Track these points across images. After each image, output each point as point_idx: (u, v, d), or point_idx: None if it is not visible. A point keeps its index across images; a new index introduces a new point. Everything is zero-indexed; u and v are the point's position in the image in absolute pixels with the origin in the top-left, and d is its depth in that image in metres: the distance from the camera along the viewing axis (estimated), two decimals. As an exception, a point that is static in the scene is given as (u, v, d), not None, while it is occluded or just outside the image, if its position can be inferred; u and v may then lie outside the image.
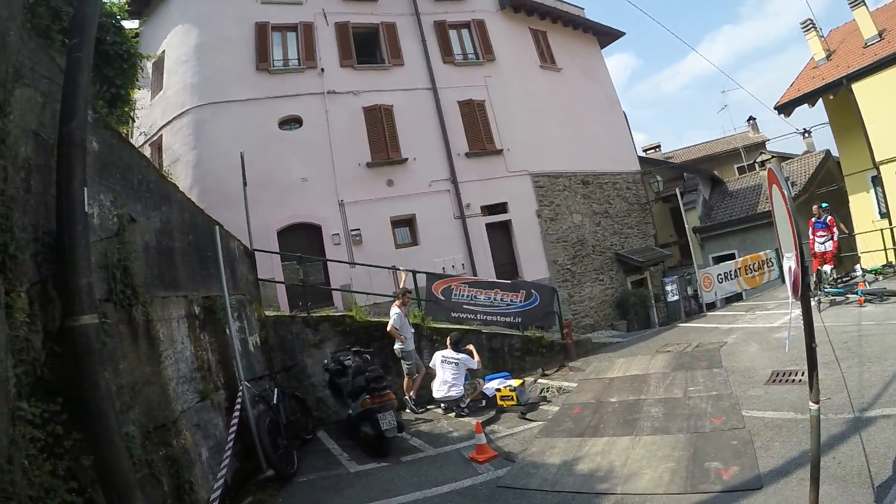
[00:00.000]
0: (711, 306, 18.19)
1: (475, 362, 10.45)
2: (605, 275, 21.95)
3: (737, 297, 18.93)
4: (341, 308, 14.49)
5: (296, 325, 11.20)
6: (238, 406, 7.43)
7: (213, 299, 7.86)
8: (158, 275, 6.35)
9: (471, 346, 10.86)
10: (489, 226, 19.16)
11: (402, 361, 10.68)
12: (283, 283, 14.45)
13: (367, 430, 8.50)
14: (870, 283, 14.06)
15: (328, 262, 15.92)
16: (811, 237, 14.19)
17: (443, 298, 12.90)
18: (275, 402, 8.62)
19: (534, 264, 19.57)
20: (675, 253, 26.58)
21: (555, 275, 19.89)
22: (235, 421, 6.98)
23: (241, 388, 7.74)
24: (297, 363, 10.94)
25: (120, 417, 4.55)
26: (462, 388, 10.29)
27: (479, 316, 13.09)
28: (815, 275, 13.60)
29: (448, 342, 10.65)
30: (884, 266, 15.56)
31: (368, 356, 10.24)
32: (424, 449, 8.65)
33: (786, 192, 4.02)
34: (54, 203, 4.30)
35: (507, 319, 13.25)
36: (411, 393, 10.76)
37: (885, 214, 18.10)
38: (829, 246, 14.02)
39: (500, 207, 19.56)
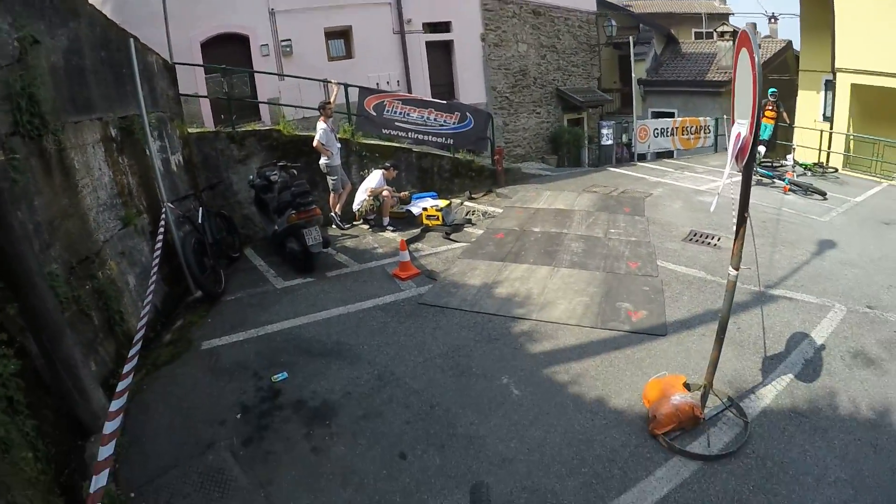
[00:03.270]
0: (643, 157, 18.49)
1: (376, 180, 10.41)
2: (542, 108, 21.75)
3: (668, 155, 19.32)
4: (269, 122, 13.88)
5: (220, 141, 10.67)
6: (162, 229, 7.16)
7: (131, 119, 7.34)
8: (69, 98, 5.75)
9: (385, 171, 10.70)
10: (429, 44, 18.31)
11: (328, 177, 10.48)
12: (206, 97, 13.66)
13: (292, 245, 8.53)
14: (798, 176, 14.45)
15: (255, 75, 14.88)
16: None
17: (374, 114, 12.52)
18: (200, 221, 8.40)
19: (472, 88, 19.09)
20: (616, 100, 26.38)
21: (492, 101, 19.55)
22: (160, 245, 6.71)
23: (164, 209, 7.48)
24: (223, 181, 10.59)
25: (40, 257, 4.38)
26: (361, 200, 10.45)
27: (410, 134, 12.83)
28: None
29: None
30: (814, 164, 15.94)
31: (295, 171, 9.86)
32: (349, 265, 8.78)
33: (755, 58, 3.90)
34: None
35: (439, 140, 13.02)
36: (337, 209, 10.69)
37: (828, 118, 18.50)
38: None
39: (444, 26, 18.65)
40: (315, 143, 10.08)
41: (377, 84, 16.09)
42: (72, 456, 4.12)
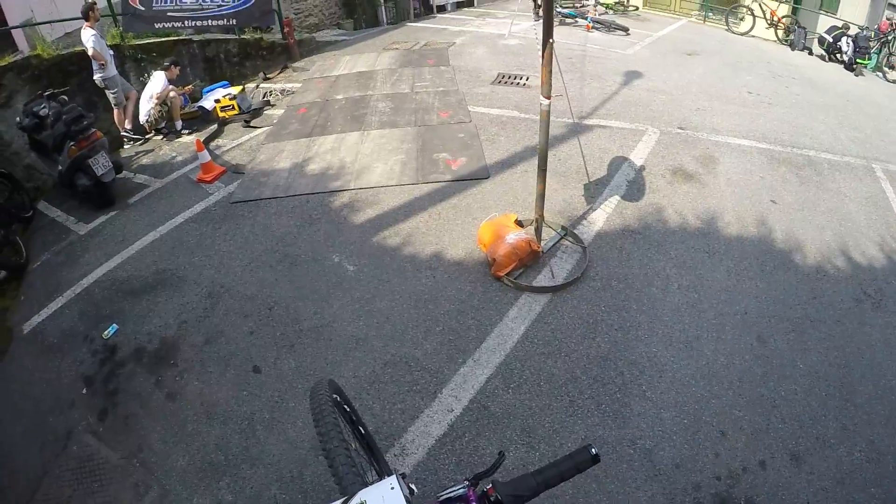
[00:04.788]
0: (442, 9, 18.17)
1: (160, 84, 9.14)
2: (329, -29, 20.31)
3: (469, 3, 19.06)
4: (27, 50, 12.03)
5: None
6: None
7: None
8: None
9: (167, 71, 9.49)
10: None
11: (107, 91, 9.19)
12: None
13: (82, 181, 7.39)
14: (599, 14, 14.67)
15: None
16: None
17: (142, 9, 11.00)
18: None
19: (248, -40, 17.42)
20: None
21: (272, -31, 18.00)
22: None
23: None
24: None
25: None
26: (148, 110, 9.26)
27: (187, 23, 11.41)
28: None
29: None
30: (616, 2, 16.21)
31: (66, 97, 8.63)
32: (150, 183, 7.86)
33: None
34: None
35: (221, 23, 11.79)
36: (126, 125, 9.49)
37: None
38: None
39: None
40: (91, 53, 8.74)
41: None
42: None
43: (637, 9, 16.32)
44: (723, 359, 4.04)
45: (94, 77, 8.98)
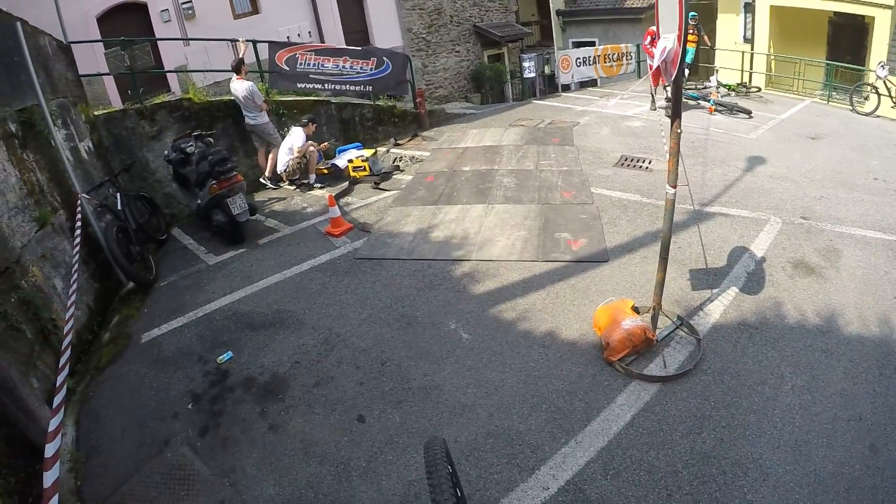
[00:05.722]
0: (567, 88, 18.44)
1: (300, 139, 10.03)
2: (461, 46, 21.39)
3: (592, 83, 19.25)
4: (179, 92, 13.30)
5: (129, 119, 10.08)
6: (79, 222, 6.67)
7: (30, 110, 6.77)
8: None
9: (304, 128, 10.32)
10: (338, -10, 17.68)
11: (264, 136, 10.24)
12: (109, 74, 12.92)
13: (219, 217, 8.15)
14: (722, 97, 14.58)
15: (158, 43, 14.14)
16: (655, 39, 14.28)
17: (287, 69, 12.02)
18: (120, 208, 7.91)
19: (387, 32, 18.67)
20: (535, 33, 26.07)
21: (409, 44, 19.17)
22: (78, 239, 6.37)
23: (79, 201, 7.08)
24: (137, 161, 9.91)
25: None
26: (286, 161, 10.08)
27: (327, 85, 12.30)
28: (654, 89, 13.46)
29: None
30: (738, 84, 16.14)
31: (211, 139, 9.44)
32: (280, 229, 8.52)
33: None
34: None
35: (358, 88, 12.60)
36: (267, 172, 10.36)
37: (748, 40, 18.70)
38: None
39: (352, -30, 18.00)
40: (262, 106, 9.86)
41: (287, 37, 15.59)
42: (33, 482, 3.90)
43: (759, 90, 16.06)
44: (831, 466, 3.88)
45: (247, 122, 9.94)
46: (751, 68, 18.23)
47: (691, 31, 15.11)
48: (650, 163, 9.20)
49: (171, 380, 5.32)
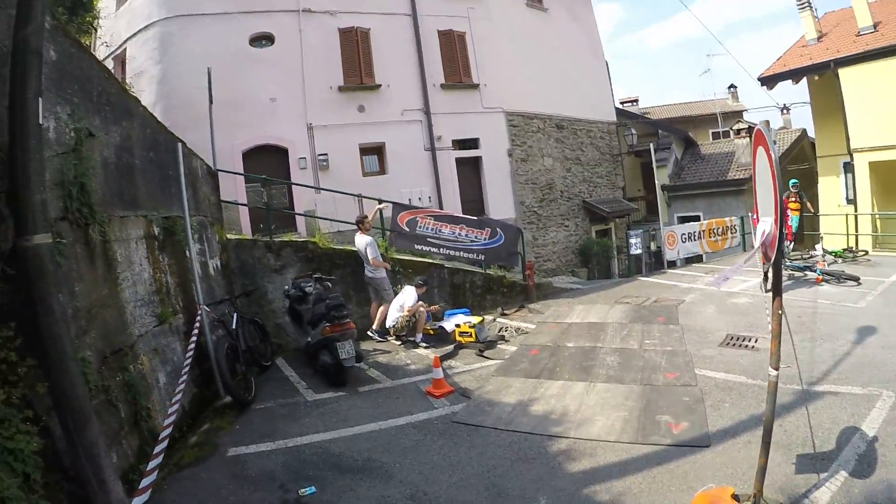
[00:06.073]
0: (672, 264, 18.41)
1: (412, 298, 10.37)
2: (570, 221, 21.98)
3: (697, 259, 19.24)
4: (304, 234, 14.22)
5: (258, 249, 10.96)
6: (196, 330, 7.20)
7: (174, 220, 7.53)
8: (117, 193, 6.02)
9: (417, 288, 10.70)
10: (459, 160, 18.91)
11: (379, 290, 10.69)
12: (246, 205, 14.08)
13: (325, 358, 8.44)
14: (829, 265, 14.30)
15: (293, 187, 15.57)
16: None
17: (407, 230, 12.74)
18: (234, 327, 8.44)
19: (501, 203, 19.44)
20: (641, 208, 26.77)
21: (521, 216, 19.82)
22: (193, 346, 6.77)
23: (199, 312, 7.53)
24: (258, 288, 10.71)
25: (75, 342, 4.38)
26: (396, 317, 10.39)
27: (442, 250, 12.97)
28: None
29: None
30: (844, 250, 15.83)
31: (329, 284, 10.10)
32: (382, 380, 8.65)
33: (772, 154, 4.00)
34: (6, 115, 3.95)
35: (471, 256, 13.16)
36: (374, 326, 10.72)
37: (851, 201, 18.60)
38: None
39: (472, 143, 19.31)
40: (371, 259, 10.35)
41: (409, 199, 16.49)
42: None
43: (866, 253, 15.57)
44: None
45: (366, 273, 10.48)
46: (856, 231, 17.91)
47: (793, 199, 15.01)
48: (756, 341, 8.96)
49: (248, 498, 5.35)
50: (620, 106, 31.69)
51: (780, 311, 4.28)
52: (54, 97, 4.86)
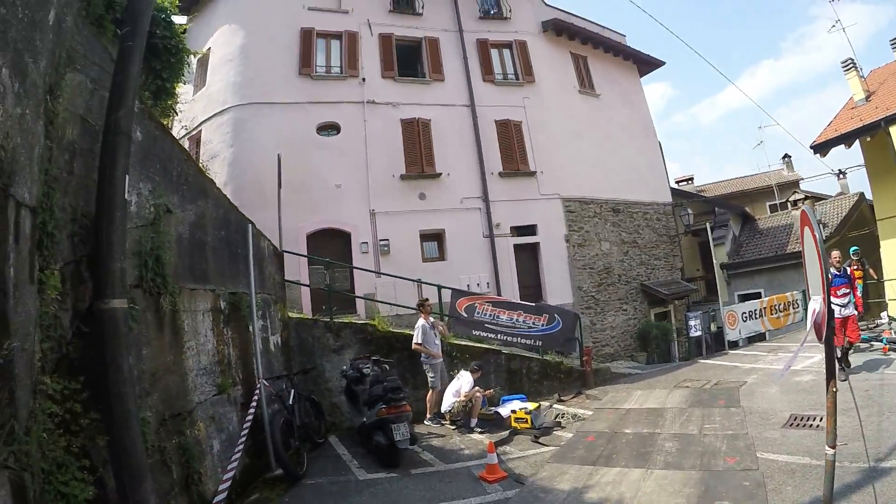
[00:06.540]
0: (734, 344, 17.93)
1: (468, 383, 10.40)
2: (629, 305, 21.79)
3: (760, 337, 18.68)
4: (364, 316, 14.52)
5: (318, 328, 11.27)
6: (254, 403, 7.45)
7: (239, 296, 7.94)
8: (189, 266, 6.48)
9: (473, 373, 10.72)
10: (517, 247, 19.20)
11: (427, 373, 10.78)
12: (308, 286, 14.54)
13: (379, 439, 8.50)
14: (895, 333, 13.68)
15: (354, 270, 16.05)
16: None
17: (465, 316, 12.89)
18: (290, 402, 8.67)
19: (559, 289, 19.50)
20: (700, 288, 26.28)
21: (579, 301, 19.77)
22: (250, 417, 7.00)
23: (258, 385, 7.80)
24: (316, 366, 10.97)
25: (138, 402, 4.61)
26: (452, 402, 10.43)
27: (499, 336, 13.03)
28: (839, 350, 10.65)
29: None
30: None
31: (387, 366, 10.26)
32: (434, 463, 8.60)
33: (817, 235, 4.06)
34: (95, 187, 4.39)
35: (528, 342, 13.17)
36: (429, 413, 10.84)
37: None
38: (852, 309, 11.09)
39: (530, 229, 19.61)
40: (414, 346, 10.52)
41: (468, 285, 16.78)
42: None
43: None
44: None
45: (423, 358, 10.40)
46: (923, 295, 16.78)
47: (856, 267, 14.26)
48: (821, 420, 8.50)
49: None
50: (676, 185, 31.91)
51: (834, 389, 4.23)
52: (138, 174, 5.33)
